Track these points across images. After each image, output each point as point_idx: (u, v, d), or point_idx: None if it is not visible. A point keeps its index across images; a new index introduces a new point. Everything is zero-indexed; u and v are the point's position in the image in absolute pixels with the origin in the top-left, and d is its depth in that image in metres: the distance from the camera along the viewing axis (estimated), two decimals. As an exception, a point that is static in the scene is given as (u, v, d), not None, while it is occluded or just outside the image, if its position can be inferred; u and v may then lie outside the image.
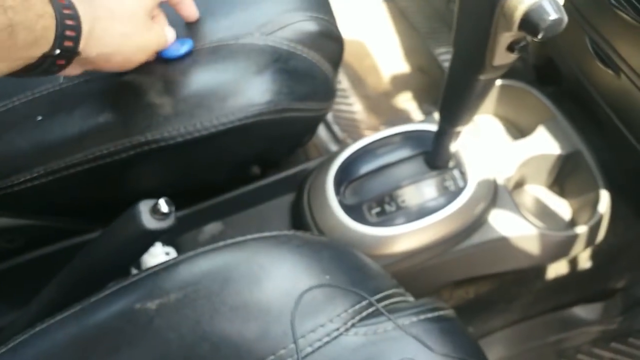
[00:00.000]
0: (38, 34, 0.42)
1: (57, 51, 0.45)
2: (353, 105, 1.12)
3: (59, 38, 0.44)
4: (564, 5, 0.39)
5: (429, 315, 0.46)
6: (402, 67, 1.16)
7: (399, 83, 1.15)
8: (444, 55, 1.13)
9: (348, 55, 1.19)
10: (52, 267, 0.54)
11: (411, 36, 1.20)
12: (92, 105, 0.54)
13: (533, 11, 0.38)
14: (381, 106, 1.13)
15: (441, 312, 0.47)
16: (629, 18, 0.55)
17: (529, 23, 0.38)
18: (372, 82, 1.15)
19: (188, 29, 0.60)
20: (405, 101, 1.13)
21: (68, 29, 0.45)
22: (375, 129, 1.09)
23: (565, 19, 0.38)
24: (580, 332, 0.86)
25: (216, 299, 0.41)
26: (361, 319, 0.44)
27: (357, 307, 0.44)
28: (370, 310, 0.45)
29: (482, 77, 0.48)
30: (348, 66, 1.17)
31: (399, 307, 0.47)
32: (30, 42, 0.42)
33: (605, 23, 0.60)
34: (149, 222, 0.45)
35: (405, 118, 1.11)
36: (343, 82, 1.14)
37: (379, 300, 0.46)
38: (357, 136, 1.07)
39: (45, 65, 0.45)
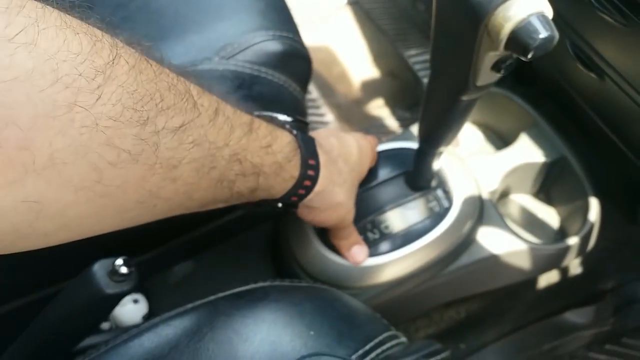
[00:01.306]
0: (274, 192, 0.44)
1: (280, 204, 0.46)
2: (325, 115, 1.08)
3: (289, 195, 0.45)
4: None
5: (425, 362, 0.42)
6: (373, 72, 1.13)
7: (371, 89, 1.11)
8: (414, 58, 1.10)
9: (316, 63, 1.14)
10: (11, 326, 0.49)
11: (379, 40, 1.16)
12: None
13: (521, 29, 0.34)
14: (354, 114, 1.09)
15: (438, 357, 0.43)
16: (613, 20, 0.52)
17: (517, 42, 0.34)
18: (343, 90, 1.11)
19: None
20: (378, 107, 1.09)
21: (301, 189, 0.46)
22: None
23: (557, 35, 0.34)
24: (574, 337, 0.84)
25: (187, 373, 0.36)
26: (352, 377, 0.40)
27: (346, 364, 0.40)
28: (361, 364, 0.41)
29: (465, 98, 0.44)
30: (317, 75, 1.12)
31: (391, 355, 0.43)
32: (264, 197, 0.44)
33: (587, 25, 0.57)
34: (108, 285, 0.41)
35: (379, 125, 1.07)
36: (313, 92, 1.10)
37: (369, 351, 0.42)
38: (331, 148, 1.02)
39: (263, 207, 0.46)
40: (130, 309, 0.61)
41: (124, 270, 0.40)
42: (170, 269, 0.65)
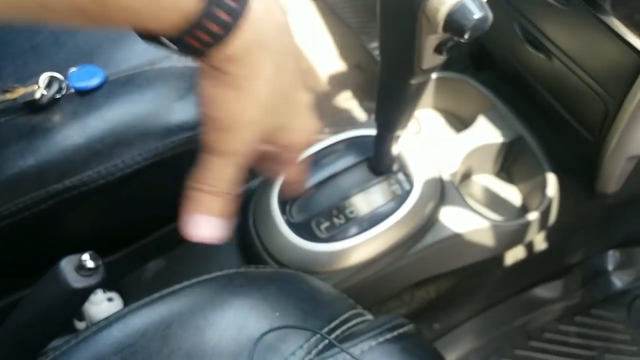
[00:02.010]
0: (155, 20, 0.32)
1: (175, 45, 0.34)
2: (293, 110, 1.09)
3: (183, 34, 0.33)
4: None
5: (388, 336, 0.44)
6: (339, 66, 1.14)
7: (338, 82, 1.13)
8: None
9: (282, 59, 1.16)
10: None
11: (344, 33, 1.18)
12: (-2, 156, 0.49)
13: (456, 12, 0.36)
14: (322, 108, 1.10)
15: (400, 330, 0.45)
16: (554, 2, 0.54)
17: (453, 24, 0.36)
18: (311, 84, 1.13)
19: (99, 57, 0.55)
20: (346, 100, 1.11)
21: (204, 32, 0.33)
22: (319, 132, 1.06)
23: (490, 16, 0.36)
24: (545, 311, 0.86)
25: (157, 358, 0.38)
26: (318, 353, 0.41)
27: (312, 340, 0.42)
28: (326, 341, 0.42)
29: (414, 82, 0.46)
30: (284, 70, 1.13)
31: (356, 332, 0.45)
32: (144, 23, 0.33)
33: (532, 8, 0.59)
34: (75, 280, 0.41)
35: (348, 117, 1.09)
36: (280, 87, 1.11)
37: (334, 328, 0.44)
38: (302, 141, 1.04)
39: (182, 43, 0.34)
40: (106, 308, 0.62)
41: (90, 264, 0.41)
42: (142, 267, 0.66)
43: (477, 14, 0.35)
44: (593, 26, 0.52)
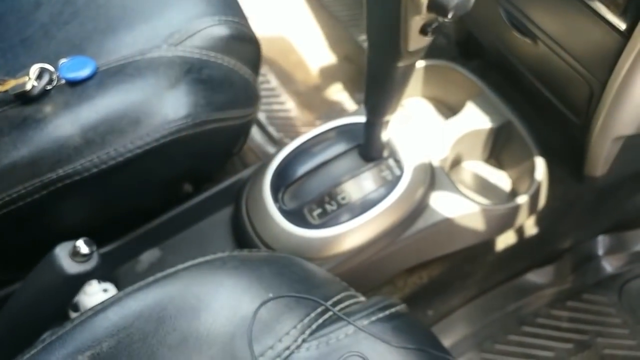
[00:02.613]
0: None
1: None
2: (285, 103, 1.10)
3: None
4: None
5: (381, 315, 0.45)
6: (329, 58, 1.15)
7: (328, 75, 1.13)
8: (368, 42, 1.12)
9: (273, 52, 1.17)
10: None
11: (333, 26, 1.18)
12: (-9, 147, 0.50)
13: None
14: (314, 101, 1.11)
15: (392, 310, 0.46)
16: (537, -15, 0.55)
17: (436, 4, 0.37)
18: (301, 77, 1.13)
19: (89, 48, 0.56)
20: (337, 92, 1.11)
21: None
22: (311, 125, 1.07)
23: None
24: (537, 297, 0.87)
25: (152, 340, 0.38)
26: (311, 332, 0.42)
27: (305, 320, 0.42)
28: (320, 321, 0.43)
29: (400, 64, 0.46)
30: (274, 64, 1.14)
31: (350, 311, 0.45)
32: None
33: (516, -7, 0.60)
34: (70, 266, 0.42)
35: (339, 109, 1.09)
36: (271, 81, 1.12)
37: (328, 308, 0.45)
38: (294, 134, 1.04)
39: None
40: (101, 299, 0.62)
41: (85, 250, 0.42)
42: (137, 258, 0.66)
43: None
44: (577, 9, 0.53)
